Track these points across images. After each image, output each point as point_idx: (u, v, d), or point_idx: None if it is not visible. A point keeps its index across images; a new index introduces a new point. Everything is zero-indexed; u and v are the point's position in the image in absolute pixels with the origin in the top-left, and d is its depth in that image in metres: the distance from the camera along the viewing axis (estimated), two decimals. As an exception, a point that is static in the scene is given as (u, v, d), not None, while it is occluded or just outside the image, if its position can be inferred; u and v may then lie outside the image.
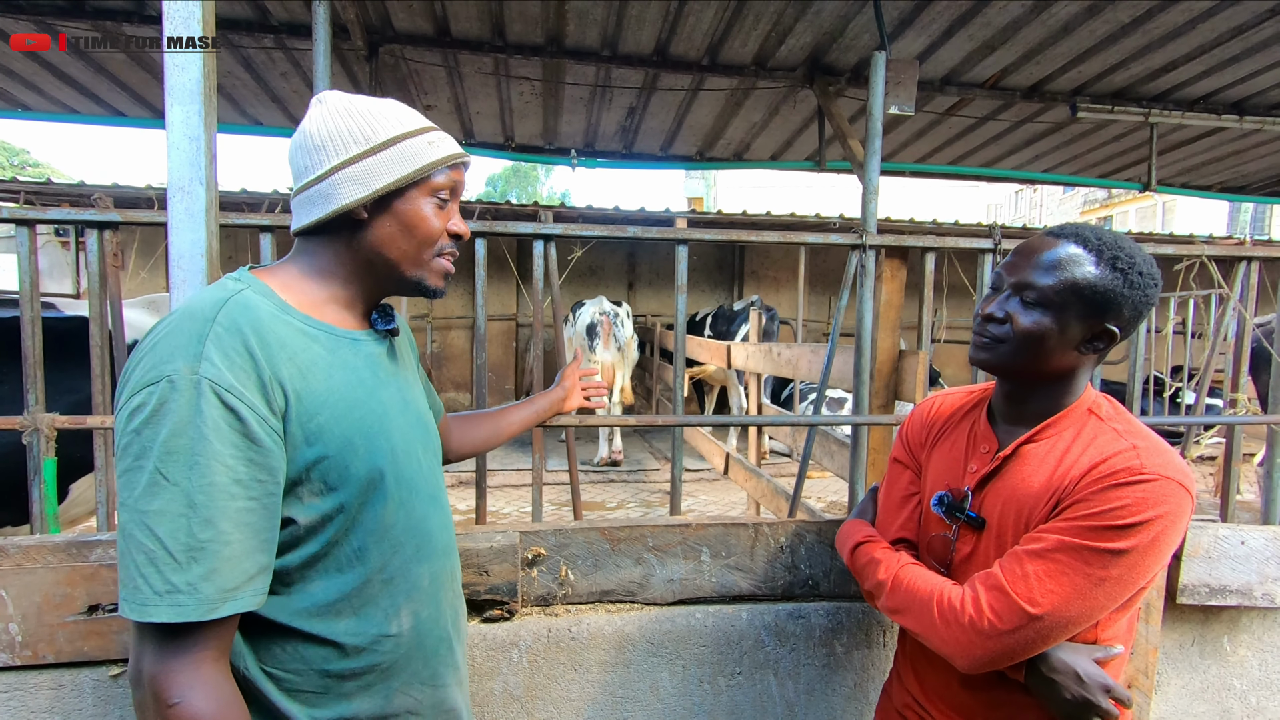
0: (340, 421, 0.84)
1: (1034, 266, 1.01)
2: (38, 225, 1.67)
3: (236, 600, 0.75)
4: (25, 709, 1.36)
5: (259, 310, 0.83)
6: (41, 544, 1.35)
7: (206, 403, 0.74)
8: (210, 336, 0.77)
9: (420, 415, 1.01)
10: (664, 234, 1.87)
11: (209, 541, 0.73)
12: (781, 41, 3.60)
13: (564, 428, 1.93)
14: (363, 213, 0.89)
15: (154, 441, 0.73)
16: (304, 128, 0.91)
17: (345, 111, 0.89)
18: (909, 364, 2.20)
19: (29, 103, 4.62)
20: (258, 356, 0.79)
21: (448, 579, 1.02)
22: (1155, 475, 0.91)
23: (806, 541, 1.67)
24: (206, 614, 0.73)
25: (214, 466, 0.74)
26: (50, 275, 5.75)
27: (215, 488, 0.74)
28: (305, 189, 0.90)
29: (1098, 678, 0.95)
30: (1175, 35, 3.43)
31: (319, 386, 0.84)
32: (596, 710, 1.59)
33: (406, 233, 0.91)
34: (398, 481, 0.91)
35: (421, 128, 0.93)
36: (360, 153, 0.88)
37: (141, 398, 0.74)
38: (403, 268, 0.93)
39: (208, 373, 0.75)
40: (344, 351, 0.89)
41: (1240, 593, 1.75)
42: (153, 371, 0.75)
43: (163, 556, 0.72)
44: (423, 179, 0.91)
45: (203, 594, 0.72)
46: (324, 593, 0.85)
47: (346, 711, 0.88)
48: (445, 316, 9.08)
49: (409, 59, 3.85)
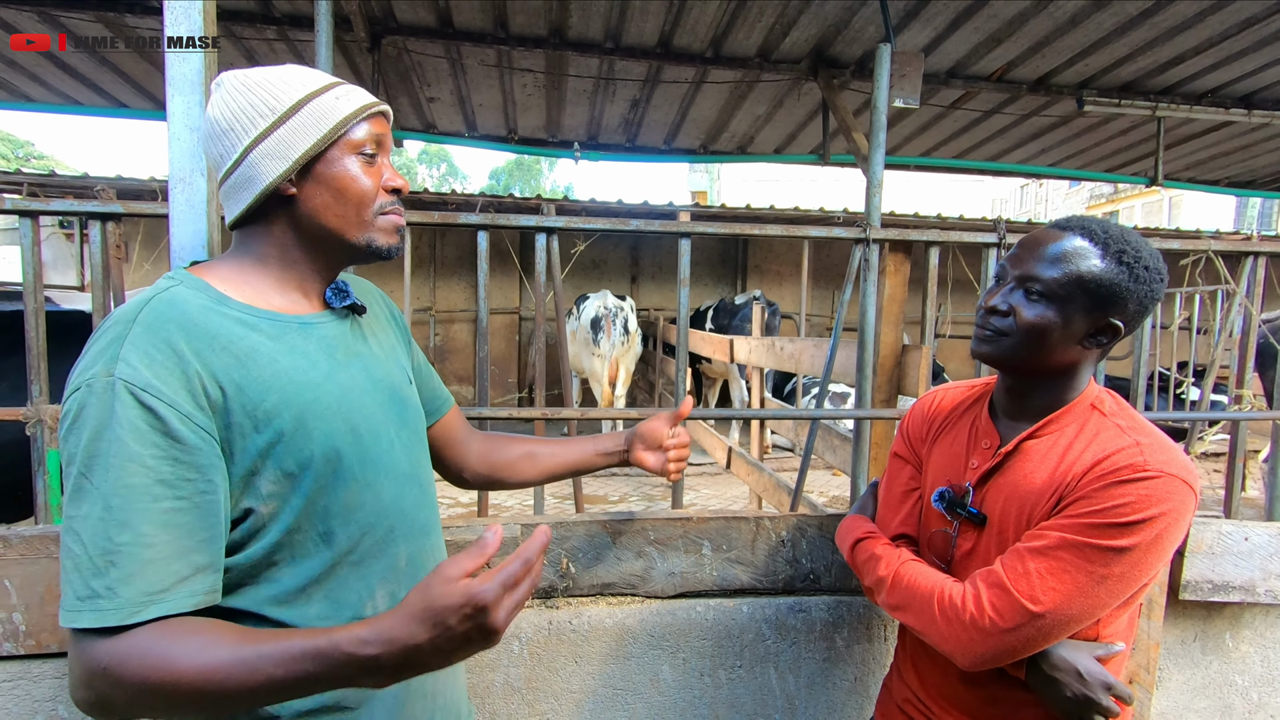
0: (289, 405, 0.82)
1: (1039, 259, 0.99)
2: (41, 217, 1.67)
3: (164, 603, 0.73)
4: (29, 697, 1.37)
5: (186, 305, 0.81)
6: (45, 534, 1.36)
7: (120, 404, 0.73)
8: (128, 338, 0.76)
9: (394, 392, 0.97)
10: (667, 228, 1.87)
11: (126, 544, 0.71)
12: (786, 34, 3.58)
13: (566, 420, 1.93)
14: (289, 187, 0.86)
15: (78, 448, 0.73)
16: (208, 115, 0.87)
17: (244, 88, 0.85)
18: (912, 358, 2.20)
19: (32, 94, 4.63)
20: (183, 351, 0.77)
21: (428, 560, 0.98)
22: (1158, 472, 0.91)
23: (808, 535, 1.67)
24: (128, 618, 0.70)
25: (129, 468, 0.72)
26: (54, 267, 5.77)
27: (132, 490, 0.72)
28: (227, 177, 0.87)
29: (1099, 675, 0.95)
30: (1183, 28, 3.41)
31: (263, 373, 0.81)
32: (597, 702, 1.59)
33: (339, 196, 0.87)
34: (361, 462, 0.88)
35: (326, 84, 0.88)
36: (269, 126, 0.84)
37: (67, 405, 0.75)
38: (346, 233, 0.89)
39: (122, 374, 0.74)
40: (291, 336, 0.87)
41: (1243, 589, 1.75)
42: (77, 379, 0.75)
43: (85, 561, 0.71)
44: (340, 136, 0.87)
45: (122, 598, 0.71)
46: (292, 578, 0.84)
47: (329, 700, 0.86)
48: (448, 310, 9.09)
49: (412, 51, 3.84)
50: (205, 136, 0.88)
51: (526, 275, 8.58)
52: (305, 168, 0.85)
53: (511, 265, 8.71)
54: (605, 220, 1.85)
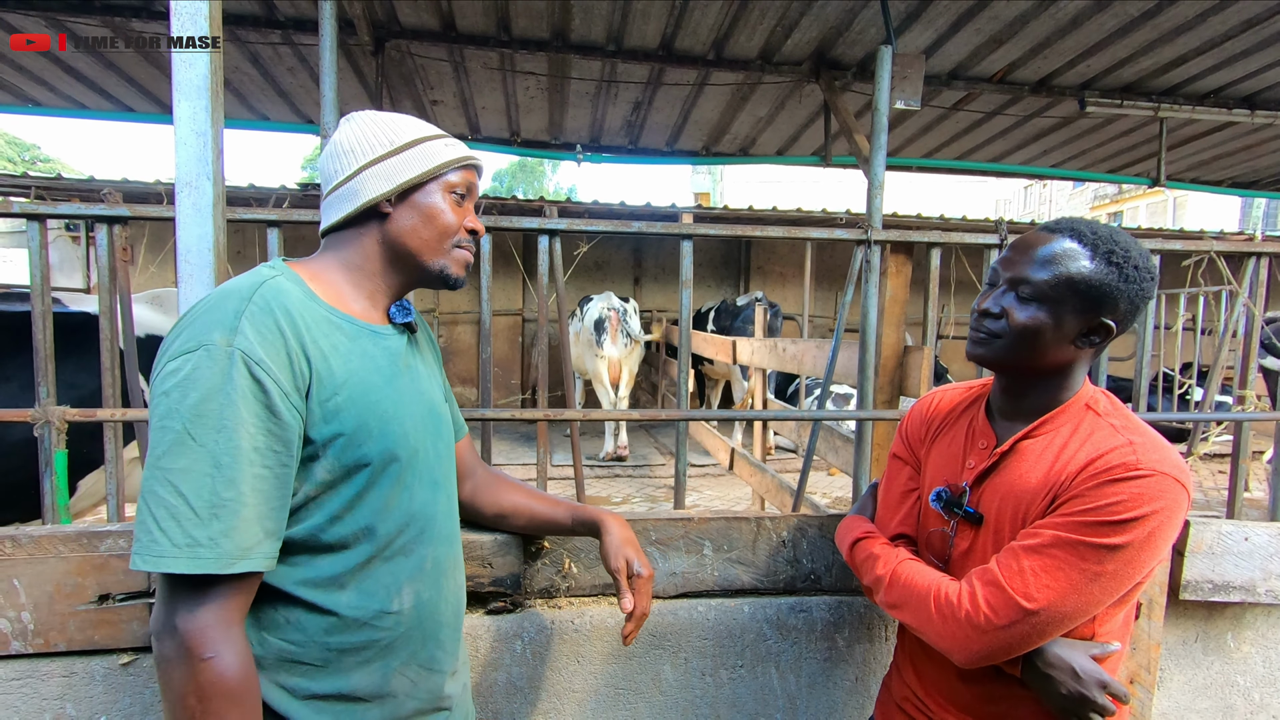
0: (356, 404, 0.89)
1: (1029, 261, 1.01)
2: (48, 220, 1.69)
3: (250, 559, 0.80)
4: (37, 696, 1.39)
5: (290, 295, 0.89)
6: (53, 534, 1.37)
7: (237, 372, 0.80)
8: (246, 313, 0.83)
9: (433, 408, 1.06)
10: (669, 229, 1.88)
11: (230, 501, 0.78)
12: (787, 36, 3.59)
13: (569, 421, 1.95)
14: (387, 206, 0.97)
15: (184, 404, 0.78)
16: (334, 139, 1.00)
17: (371, 123, 0.99)
18: (914, 359, 2.20)
19: (39, 98, 4.66)
20: (287, 335, 0.85)
21: (450, 566, 1.05)
22: (1151, 471, 0.91)
23: (808, 536, 1.67)
24: (225, 568, 0.77)
25: (240, 432, 0.79)
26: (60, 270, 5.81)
27: (240, 451, 0.79)
28: (334, 190, 0.98)
29: (1094, 673, 0.96)
30: (1185, 29, 3.41)
31: (339, 369, 0.89)
32: (599, 702, 1.60)
33: (427, 223, 0.99)
34: (407, 465, 0.95)
35: (437, 134, 1.02)
36: (384, 153, 0.97)
37: (177, 364, 0.80)
38: (424, 256, 0.99)
39: (241, 344, 0.80)
40: (364, 340, 0.95)
41: (1244, 589, 1.75)
42: (191, 340, 0.81)
43: (185, 511, 0.77)
44: (439, 175, 0.99)
45: (222, 549, 0.77)
46: (329, 565, 0.89)
47: (345, 687, 0.90)
48: (451, 311, 9.11)
49: (415, 54, 3.86)
50: (325, 155, 1.01)
51: (529, 277, 8.60)
52: (404, 194, 0.98)
53: (514, 267, 8.73)
54: (608, 222, 1.86)
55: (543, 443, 2.00)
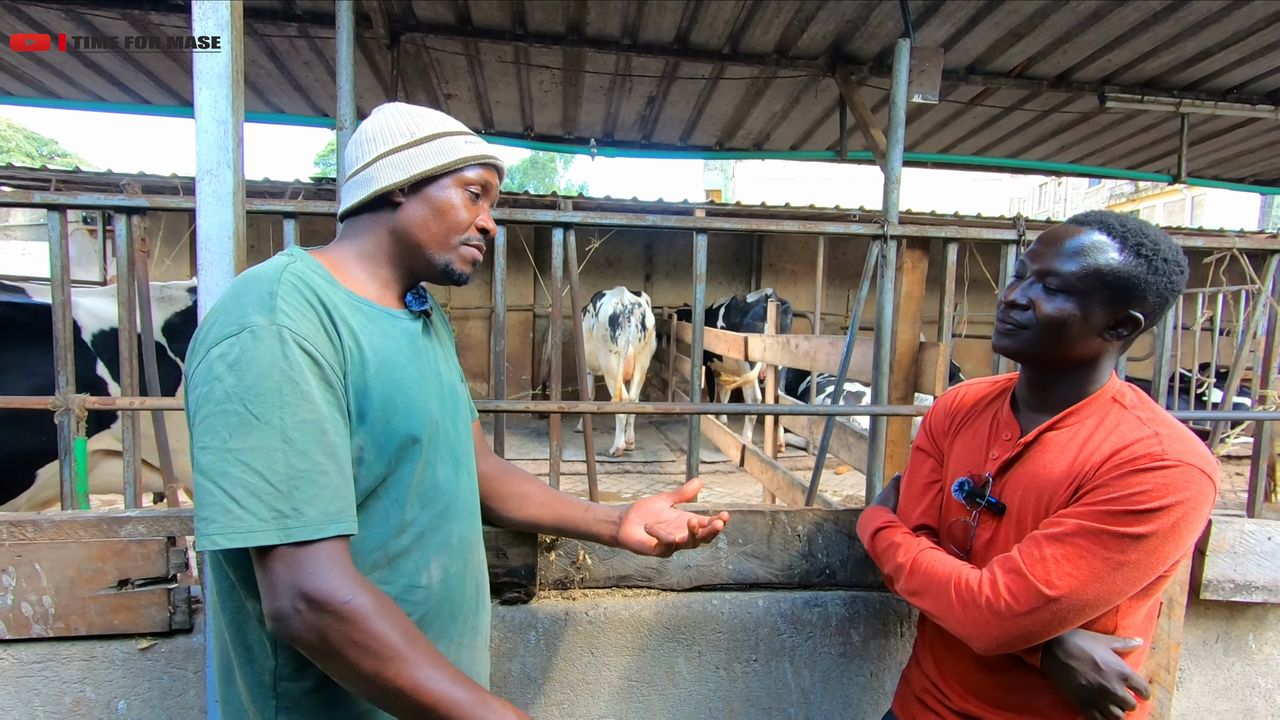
0: (382, 382, 0.90)
1: (1058, 253, 1.00)
2: (68, 210, 1.70)
3: (340, 523, 0.81)
4: (58, 679, 1.40)
5: (313, 278, 0.90)
6: (74, 519, 1.39)
7: (288, 348, 0.81)
8: (279, 293, 0.84)
9: (452, 387, 1.07)
10: (683, 223, 1.87)
11: (306, 471, 0.80)
12: (804, 30, 3.57)
13: (580, 415, 1.95)
14: (400, 195, 0.97)
15: (241, 385, 0.79)
16: (361, 126, 1.01)
17: (397, 114, 1.00)
18: (929, 356, 2.18)
19: (59, 91, 4.71)
20: (320, 313, 0.87)
21: (474, 541, 1.07)
22: (1176, 461, 0.91)
23: (824, 530, 1.67)
24: (315, 533, 0.79)
25: (304, 405, 0.81)
26: (78, 263, 5.87)
27: (307, 424, 0.81)
28: (353, 176, 0.99)
29: (1115, 666, 0.95)
30: (1208, 23, 3.35)
31: (366, 347, 0.90)
32: (613, 694, 1.60)
33: (437, 216, 0.99)
34: (431, 442, 0.96)
35: (462, 130, 1.02)
36: (404, 144, 0.97)
37: (223, 348, 0.80)
38: (430, 249, 1.00)
39: (284, 322, 0.82)
40: (383, 323, 0.96)
41: (1267, 589, 1.72)
42: (232, 324, 0.81)
43: (264, 488, 0.78)
44: (455, 170, 0.99)
45: (308, 517, 0.79)
46: (362, 541, 0.90)
47: None
48: (463, 306, 9.14)
49: (430, 48, 3.86)
50: (351, 142, 1.03)
51: (541, 273, 8.61)
52: (418, 186, 0.98)
53: (526, 263, 8.75)
54: (622, 215, 1.86)
55: (555, 437, 2.00)
